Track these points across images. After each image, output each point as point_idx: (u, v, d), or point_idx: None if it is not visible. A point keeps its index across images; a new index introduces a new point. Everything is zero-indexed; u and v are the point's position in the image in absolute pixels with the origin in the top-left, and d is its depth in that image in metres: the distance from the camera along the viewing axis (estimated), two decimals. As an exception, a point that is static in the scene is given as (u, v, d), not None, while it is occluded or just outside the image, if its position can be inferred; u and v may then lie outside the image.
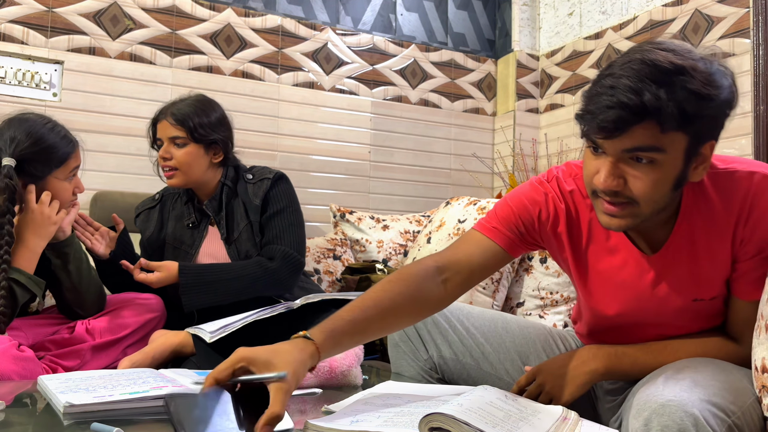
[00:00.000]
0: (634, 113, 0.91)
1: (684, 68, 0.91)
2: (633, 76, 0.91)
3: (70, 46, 2.38)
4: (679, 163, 0.96)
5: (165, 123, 1.78)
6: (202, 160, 1.78)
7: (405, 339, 1.31)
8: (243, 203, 1.83)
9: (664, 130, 0.91)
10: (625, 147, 0.94)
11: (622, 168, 0.96)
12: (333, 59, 2.86)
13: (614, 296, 1.15)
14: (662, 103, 0.89)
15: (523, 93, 3.13)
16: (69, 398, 0.99)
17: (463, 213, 2.30)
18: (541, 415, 0.96)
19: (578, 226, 1.16)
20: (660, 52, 0.93)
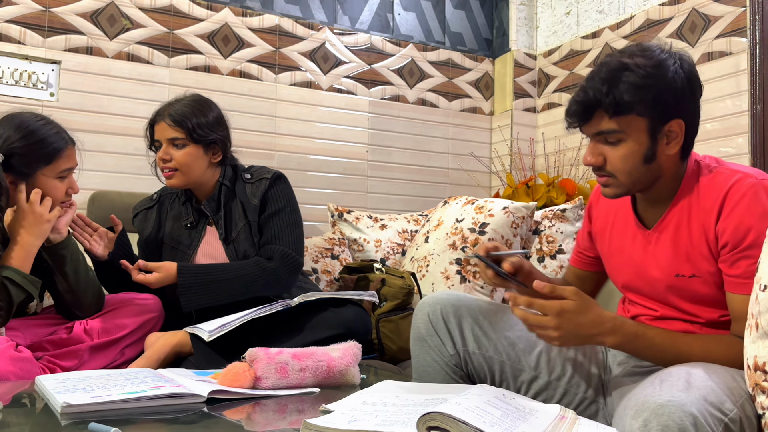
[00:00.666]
0: (584, 106, 1.17)
1: (627, 65, 1.14)
2: (590, 78, 1.18)
3: (67, 46, 2.37)
4: (644, 140, 1.16)
5: (163, 124, 1.77)
6: (201, 160, 1.78)
7: (432, 333, 1.31)
8: (241, 203, 1.83)
9: (611, 116, 1.15)
10: (591, 132, 1.20)
11: (600, 148, 1.19)
12: (330, 59, 2.86)
13: (622, 268, 1.32)
14: (602, 96, 1.14)
15: (521, 92, 3.13)
16: (66, 398, 0.99)
17: (461, 212, 2.30)
18: (538, 413, 0.96)
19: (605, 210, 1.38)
20: (616, 57, 1.18)
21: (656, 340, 1.12)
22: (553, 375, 1.29)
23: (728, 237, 1.12)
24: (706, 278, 1.18)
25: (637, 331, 1.12)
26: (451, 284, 2.14)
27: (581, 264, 1.49)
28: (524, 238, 2.22)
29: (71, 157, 1.58)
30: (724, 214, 1.14)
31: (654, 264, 1.24)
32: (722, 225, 1.14)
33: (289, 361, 1.21)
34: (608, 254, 1.37)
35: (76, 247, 1.62)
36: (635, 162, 1.17)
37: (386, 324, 2.02)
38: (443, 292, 1.36)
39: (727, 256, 1.14)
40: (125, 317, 1.61)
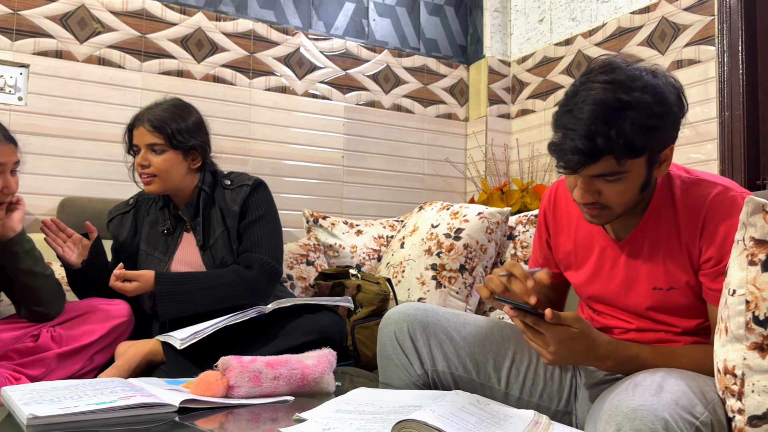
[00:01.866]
0: (590, 157, 1.05)
1: (630, 103, 1.04)
2: (587, 118, 1.05)
3: (36, 50, 2.33)
4: (642, 173, 1.11)
5: (142, 129, 1.73)
6: (180, 166, 1.75)
7: (398, 352, 1.28)
8: (220, 209, 1.81)
9: (620, 162, 1.06)
10: (591, 174, 1.10)
11: (594, 184, 1.11)
12: (305, 64, 2.85)
13: (590, 280, 1.29)
14: (613, 144, 1.04)
15: (495, 98, 3.16)
16: (33, 410, 0.96)
17: (437, 218, 2.31)
18: (512, 419, 0.96)
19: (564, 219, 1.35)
20: (609, 89, 1.06)
21: (648, 361, 1.12)
22: (523, 392, 1.28)
23: (712, 252, 1.12)
24: (684, 290, 1.18)
25: (629, 355, 1.13)
26: (426, 290, 2.14)
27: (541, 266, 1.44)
28: (499, 244, 2.23)
29: (4, 154, 1.48)
30: (708, 228, 1.13)
31: (628, 277, 1.23)
32: (706, 239, 1.13)
33: (262, 370, 1.20)
34: (573, 264, 1.34)
35: (30, 244, 1.57)
36: (633, 193, 1.12)
37: (362, 330, 2.01)
38: (411, 306, 1.32)
39: (709, 271, 1.13)
40: (93, 323, 1.58)
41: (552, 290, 1.44)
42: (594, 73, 1.10)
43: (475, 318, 1.35)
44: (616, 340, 1.14)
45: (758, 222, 0.96)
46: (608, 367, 1.14)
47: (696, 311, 1.19)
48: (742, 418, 0.96)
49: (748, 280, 0.96)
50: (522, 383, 1.28)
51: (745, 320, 0.96)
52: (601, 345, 1.11)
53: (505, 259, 2.23)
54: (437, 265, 2.17)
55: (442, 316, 1.31)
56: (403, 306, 1.33)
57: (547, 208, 1.40)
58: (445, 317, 1.32)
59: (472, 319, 1.34)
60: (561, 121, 1.10)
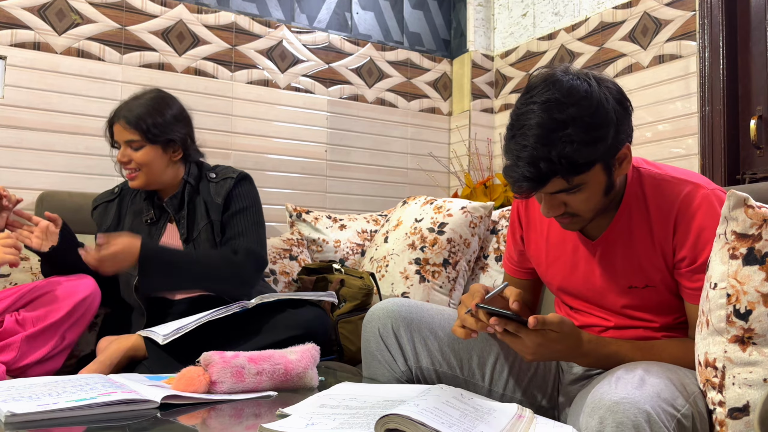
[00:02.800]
0: (537, 182, 1.08)
1: (565, 122, 1.06)
2: (529, 145, 1.07)
3: (13, 41, 2.29)
4: (601, 179, 1.12)
5: (119, 126, 1.73)
6: (160, 159, 1.75)
7: (382, 348, 1.28)
8: (204, 202, 1.80)
9: (569, 180, 1.08)
10: (548, 192, 1.12)
11: (558, 199, 1.14)
12: (288, 57, 2.83)
13: (564, 278, 1.30)
14: (556, 166, 1.06)
15: (478, 93, 3.16)
16: (11, 407, 0.95)
17: (420, 212, 2.30)
18: (496, 413, 0.96)
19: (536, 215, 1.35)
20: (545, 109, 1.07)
21: (627, 357, 1.13)
22: (507, 388, 1.28)
23: (686, 252, 1.13)
24: (660, 287, 1.18)
25: (609, 352, 1.13)
26: (410, 284, 2.14)
27: (519, 274, 1.45)
28: (482, 238, 2.24)
29: None
30: (681, 227, 1.13)
31: (603, 276, 1.23)
32: (680, 238, 1.13)
33: (245, 365, 1.19)
34: (544, 262, 1.34)
35: None
36: (598, 199, 1.14)
37: (345, 325, 2.01)
38: (394, 302, 1.31)
39: (685, 271, 1.14)
40: (58, 301, 1.53)
41: (526, 291, 1.44)
42: (534, 91, 1.11)
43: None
44: (596, 337, 1.15)
45: (740, 216, 0.97)
46: (589, 363, 1.15)
47: (673, 307, 1.20)
48: (723, 410, 0.97)
49: (730, 274, 0.97)
50: (506, 380, 1.28)
51: (726, 313, 0.97)
52: (582, 343, 1.12)
53: (488, 253, 2.23)
54: (421, 259, 2.17)
55: (426, 313, 1.31)
56: (387, 302, 1.32)
57: (520, 205, 1.40)
58: (429, 313, 1.31)
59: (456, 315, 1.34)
60: (508, 148, 1.13)
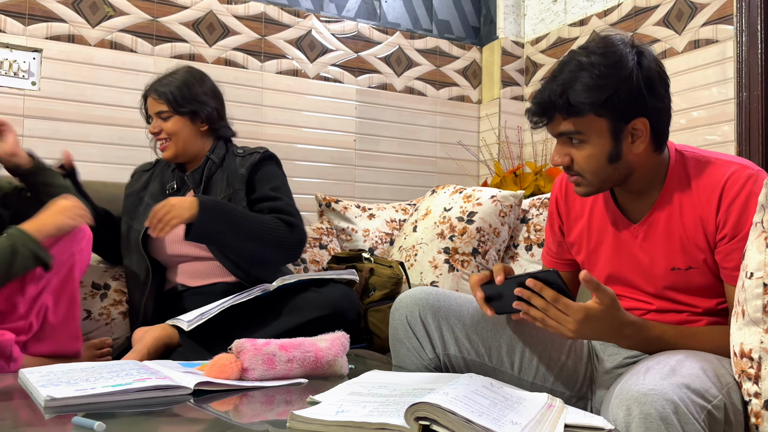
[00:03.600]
0: (541, 108, 1.16)
1: (582, 65, 1.12)
2: (549, 79, 1.17)
3: (49, 34, 2.33)
4: (606, 141, 1.14)
5: (150, 99, 1.85)
6: (188, 129, 1.84)
7: (410, 336, 1.28)
8: (227, 175, 1.85)
9: (567, 118, 1.13)
10: (553, 132, 1.19)
11: (566, 148, 1.18)
12: (317, 47, 2.83)
13: (606, 263, 1.29)
14: (555, 98, 1.13)
15: (508, 80, 3.13)
16: (50, 392, 0.97)
17: (449, 201, 2.30)
18: (526, 402, 0.96)
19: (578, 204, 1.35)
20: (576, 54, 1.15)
21: (670, 342, 1.12)
22: (537, 377, 1.27)
23: (728, 229, 1.12)
24: (703, 269, 1.17)
25: (652, 336, 1.12)
26: (439, 273, 2.14)
27: (557, 266, 1.44)
28: (512, 227, 2.22)
29: None
30: (723, 205, 1.12)
31: (646, 258, 1.23)
32: (723, 216, 1.12)
33: (276, 352, 1.20)
34: (586, 249, 1.34)
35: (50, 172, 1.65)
36: (600, 163, 1.16)
37: (375, 313, 2.02)
38: (422, 290, 1.32)
39: (723, 248, 1.13)
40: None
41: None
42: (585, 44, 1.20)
43: None
44: (641, 320, 1.13)
45: (777, 204, 0.95)
46: (630, 345, 1.14)
47: (715, 290, 1.18)
48: (759, 401, 0.95)
49: (767, 263, 0.95)
50: (535, 368, 1.27)
51: (763, 303, 0.95)
52: (625, 324, 1.10)
53: (518, 242, 2.22)
54: (450, 248, 2.16)
55: (454, 301, 1.31)
56: (415, 290, 1.33)
57: (559, 194, 1.39)
58: (457, 301, 1.31)
59: None
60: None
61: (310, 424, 0.86)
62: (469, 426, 0.78)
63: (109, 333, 1.86)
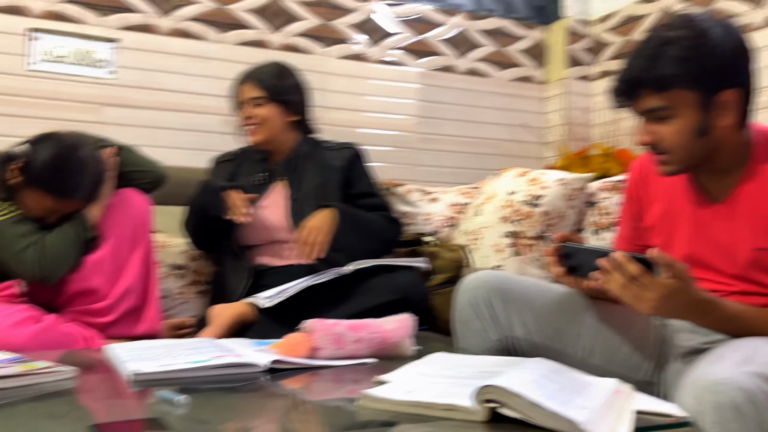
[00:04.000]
0: (628, 85, 1.15)
1: (669, 39, 1.11)
2: (633, 55, 1.15)
3: (124, 24, 2.43)
4: (694, 114, 1.12)
5: (247, 85, 1.92)
6: (278, 118, 1.92)
7: (474, 317, 1.28)
8: (317, 166, 1.93)
9: (657, 92, 1.11)
10: (639, 110, 1.16)
11: (651, 126, 1.15)
12: (379, 30, 2.84)
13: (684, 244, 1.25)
14: (645, 73, 1.12)
15: (575, 60, 3.05)
16: (136, 366, 1.04)
17: (514, 185, 2.27)
18: (594, 387, 0.95)
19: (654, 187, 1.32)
20: (659, 30, 1.14)
21: (749, 322, 1.09)
22: (603, 361, 1.26)
23: None
24: None
25: (731, 314, 1.09)
26: (503, 257, 2.13)
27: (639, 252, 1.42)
28: (579, 211, 2.19)
29: None
30: None
31: (728, 239, 1.19)
32: None
33: (344, 333, 1.24)
34: (666, 232, 1.30)
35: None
36: (688, 137, 1.13)
37: (438, 296, 2.03)
38: (488, 273, 1.32)
39: None
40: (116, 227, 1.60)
41: None
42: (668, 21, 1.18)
43: (555, 286, 1.33)
44: (718, 297, 1.11)
45: None
46: (708, 323, 1.11)
47: None
48: (841, 392, 0.91)
49: None
50: (602, 352, 1.26)
51: None
52: (702, 302, 1.07)
53: (585, 227, 2.18)
54: (514, 232, 2.15)
55: (520, 284, 1.31)
56: (480, 273, 1.33)
57: (637, 178, 1.37)
58: (523, 285, 1.31)
59: (552, 287, 1.33)
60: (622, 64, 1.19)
61: (379, 403, 0.88)
62: (538, 409, 0.79)
63: (186, 312, 1.95)
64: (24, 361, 1.06)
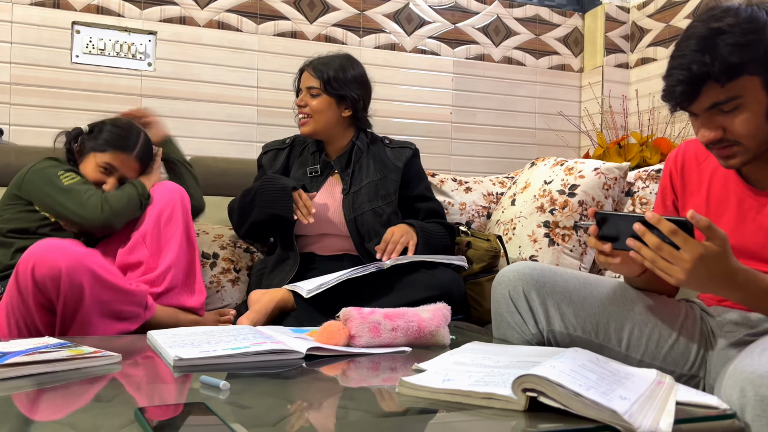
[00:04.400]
0: (691, 84, 1.08)
1: (720, 29, 1.07)
2: (683, 53, 1.09)
3: (163, 17, 2.46)
4: (761, 97, 1.09)
5: (306, 74, 1.93)
6: (331, 111, 1.90)
7: (512, 311, 1.28)
8: (377, 162, 1.93)
9: (723, 84, 1.06)
10: (704, 107, 1.10)
11: (714, 120, 1.11)
12: (414, 19, 2.83)
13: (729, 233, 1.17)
14: (708, 67, 1.06)
15: (612, 47, 3.00)
16: (178, 352, 1.06)
17: (550, 174, 2.25)
18: (635, 378, 0.94)
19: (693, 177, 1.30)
20: (702, 22, 1.10)
21: None
22: (645, 355, 1.24)
23: None
24: None
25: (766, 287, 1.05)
26: (539, 247, 2.12)
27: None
28: (616, 200, 2.16)
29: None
30: None
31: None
32: None
33: (381, 321, 1.24)
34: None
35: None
36: (758, 122, 1.09)
37: (472, 286, 2.03)
38: (525, 265, 1.30)
39: None
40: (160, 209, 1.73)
41: None
42: (688, 27, 1.13)
43: (595, 278, 1.32)
44: (752, 270, 1.07)
45: None
46: (741, 298, 1.07)
47: None
48: None
49: None
50: (644, 346, 1.24)
51: None
52: (740, 271, 1.04)
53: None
54: (550, 222, 2.13)
55: (559, 276, 1.29)
56: (518, 265, 1.32)
57: (674, 168, 1.34)
58: (562, 277, 1.29)
59: (592, 279, 1.31)
60: (668, 67, 1.14)
61: (418, 391, 0.89)
62: (578, 399, 0.78)
63: (220, 300, 1.98)
64: (71, 346, 1.09)
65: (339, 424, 0.81)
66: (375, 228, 1.85)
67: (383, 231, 1.81)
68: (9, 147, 2.16)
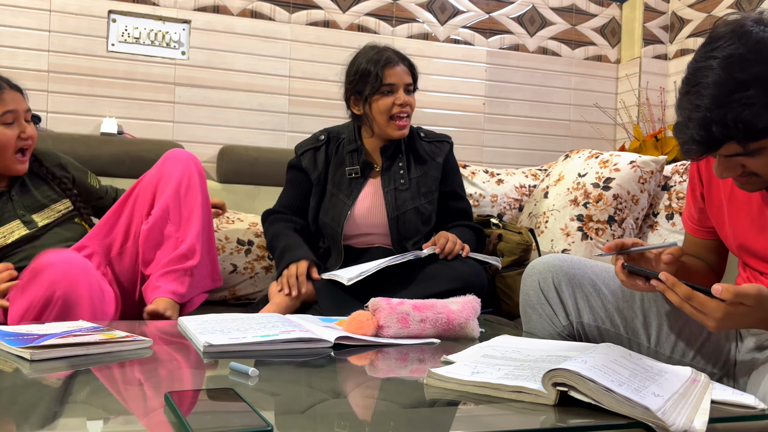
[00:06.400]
0: (709, 146, 0.98)
1: (747, 82, 0.93)
2: (702, 105, 0.96)
3: (197, 5, 2.48)
4: None
5: (402, 68, 1.81)
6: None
7: (543, 302, 1.27)
8: (418, 158, 1.89)
9: (745, 146, 0.96)
10: (721, 155, 1.01)
11: (735, 160, 1.01)
12: (448, 9, 2.80)
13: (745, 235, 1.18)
14: (731, 131, 0.94)
15: (651, 38, 2.93)
16: (208, 339, 1.07)
17: (584, 167, 2.21)
18: (668, 375, 0.92)
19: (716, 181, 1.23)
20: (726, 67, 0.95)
21: None
22: (675, 351, 1.21)
23: None
24: None
25: None
26: (571, 241, 2.09)
27: (700, 233, 1.34)
28: (652, 194, 2.11)
29: (13, 100, 1.60)
30: None
31: None
32: None
33: (410, 312, 1.24)
34: (726, 222, 1.24)
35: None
36: None
37: (503, 279, 2.01)
38: (556, 257, 1.28)
39: None
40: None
41: (709, 252, 1.33)
42: (717, 43, 0.98)
43: None
44: None
45: None
46: None
47: None
48: None
49: None
50: (674, 343, 1.22)
51: None
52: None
53: (658, 211, 2.11)
54: (584, 215, 2.10)
55: (589, 269, 1.28)
56: (549, 256, 1.30)
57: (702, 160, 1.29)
58: (593, 270, 1.28)
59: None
60: (680, 104, 1.03)
61: (446, 382, 0.88)
62: (610, 395, 0.77)
63: (253, 286, 2.00)
64: (105, 330, 1.11)
65: (366, 414, 0.81)
66: (416, 226, 1.84)
67: (423, 229, 1.82)
68: (46, 134, 2.21)
